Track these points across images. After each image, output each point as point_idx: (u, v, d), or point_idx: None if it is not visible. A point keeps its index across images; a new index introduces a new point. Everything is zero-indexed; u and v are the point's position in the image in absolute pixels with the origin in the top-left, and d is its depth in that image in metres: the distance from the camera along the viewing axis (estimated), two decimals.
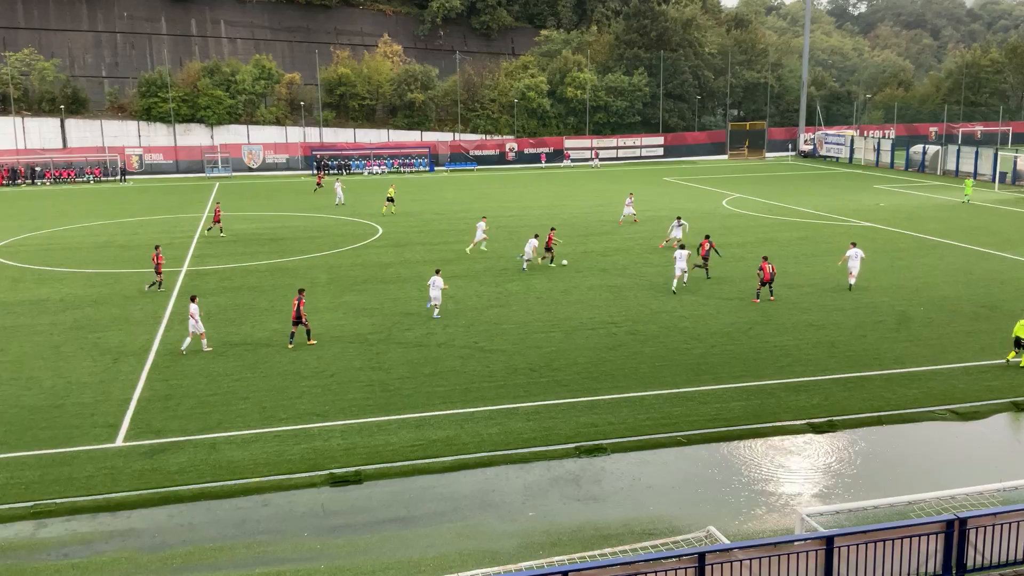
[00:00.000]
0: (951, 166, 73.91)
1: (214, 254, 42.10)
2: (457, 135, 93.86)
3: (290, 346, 26.71)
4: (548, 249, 38.20)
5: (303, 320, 26.79)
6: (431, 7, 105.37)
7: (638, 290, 33.66)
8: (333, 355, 26.03)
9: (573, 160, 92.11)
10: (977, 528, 12.46)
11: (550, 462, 18.89)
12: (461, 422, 20.88)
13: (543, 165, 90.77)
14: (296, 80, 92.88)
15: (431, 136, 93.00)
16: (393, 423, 20.87)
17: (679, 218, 42.43)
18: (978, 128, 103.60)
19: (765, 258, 32.17)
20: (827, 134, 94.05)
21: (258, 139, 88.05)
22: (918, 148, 79.90)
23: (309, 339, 27.11)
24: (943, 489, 14.22)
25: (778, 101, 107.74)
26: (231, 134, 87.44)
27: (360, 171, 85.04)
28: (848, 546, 12.04)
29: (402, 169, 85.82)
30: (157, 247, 35.54)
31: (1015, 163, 66.71)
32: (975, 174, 69.94)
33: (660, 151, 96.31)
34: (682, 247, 35.20)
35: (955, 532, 12.36)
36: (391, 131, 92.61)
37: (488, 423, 20.80)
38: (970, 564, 12.52)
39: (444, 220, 52.48)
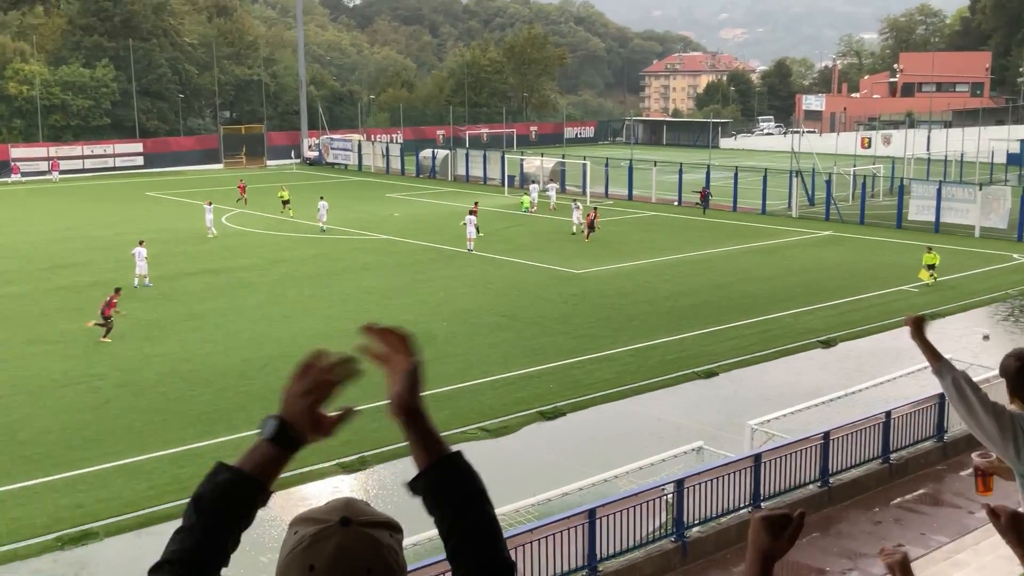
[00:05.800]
0: (462, 171, 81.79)
1: None
2: None
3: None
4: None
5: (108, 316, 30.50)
6: None
7: (127, 331, 32.00)
8: None
9: (24, 174, 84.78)
10: (517, 547, 13.89)
11: (23, 562, 17.14)
12: None
13: None
14: None
15: None
16: None
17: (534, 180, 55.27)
18: (484, 131, 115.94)
19: (595, 208, 51.70)
20: (333, 139, 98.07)
21: None
22: (428, 153, 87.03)
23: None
24: None
25: (276, 101, 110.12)
26: None
27: None
28: None
29: None
30: None
31: (522, 166, 75.84)
32: (485, 179, 78.15)
33: (140, 160, 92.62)
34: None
35: None
36: None
37: None
38: None
39: None
